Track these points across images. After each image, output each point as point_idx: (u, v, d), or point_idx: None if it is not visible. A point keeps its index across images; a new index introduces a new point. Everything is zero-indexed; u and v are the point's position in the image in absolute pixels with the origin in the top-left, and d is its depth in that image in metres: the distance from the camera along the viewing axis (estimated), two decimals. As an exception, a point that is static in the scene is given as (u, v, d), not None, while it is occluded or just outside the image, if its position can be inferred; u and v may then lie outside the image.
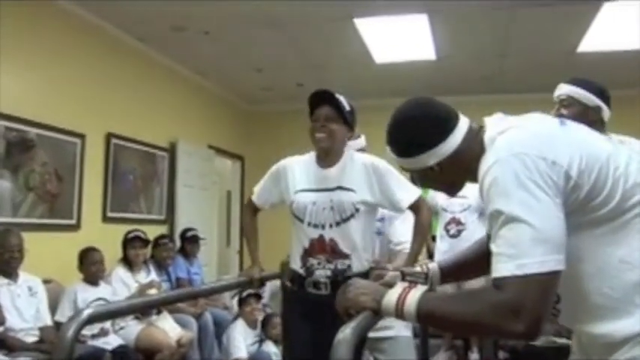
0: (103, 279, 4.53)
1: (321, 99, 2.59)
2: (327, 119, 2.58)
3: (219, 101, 7.86)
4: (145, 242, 4.99)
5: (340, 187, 2.59)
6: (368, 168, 2.60)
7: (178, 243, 5.92)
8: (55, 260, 4.48)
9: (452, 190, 1.54)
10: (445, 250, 4.87)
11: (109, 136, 5.40)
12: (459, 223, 4.93)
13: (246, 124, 8.52)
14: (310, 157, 2.72)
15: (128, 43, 5.71)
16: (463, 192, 1.59)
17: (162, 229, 6.09)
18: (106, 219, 5.32)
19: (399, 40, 5.78)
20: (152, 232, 5.41)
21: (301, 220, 2.62)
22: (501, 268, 1.18)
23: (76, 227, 4.90)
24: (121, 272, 4.77)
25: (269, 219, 3.31)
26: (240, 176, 8.46)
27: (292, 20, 5.27)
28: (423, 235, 2.67)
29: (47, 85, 4.63)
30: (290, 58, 6.36)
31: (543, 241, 1.16)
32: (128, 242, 4.88)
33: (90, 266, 4.39)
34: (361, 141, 3.15)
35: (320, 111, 2.59)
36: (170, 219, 6.40)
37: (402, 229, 3.04)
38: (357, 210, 2.57)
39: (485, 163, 1.27)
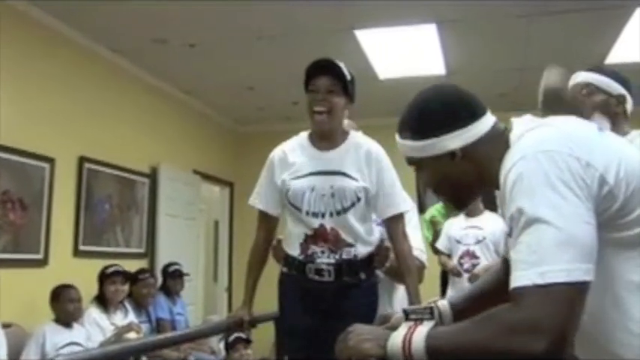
0: (77, 320, 4.48)
1: (322, 67, 2.57)
2: (328, 91, 2.56)
3: (206, 122, 7.87)
4: (126, 277, 4.97)
5: (342, 174, 2.61)
6: (371, 155, 2.63)
7: (160, 279, 5.89)
8: (19, 301, 4.39)
9: (463, 197, 1.50)
10: (458, 287, 4.86)
11: (82, 160, 5.35)
12: (473, 256, 4.91)
13: (236, 147, 8.55)
14: (302, 138, 2.73)
15: (104, 56, 5.69)
16: (479, 223, 1.53)
17: (142, 264, 6.05)
18: (77, 253, 5.24)
19: (405, 54, 5.81)
20: (131, 267, 5.36)
21: (299, 209, 2.61)
22: (520, 276, 1.13)
23: (43, 262, 4.82)
24: (94, 313, 4.71)
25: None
26: (229, 204, 8.44)
27: (287, 32, 5.29)
28: (411, 270, 2.61)
29: (9, 102, 4.53)
30: (284, 74, 6.33)
31: (570, 247, 1.12)
32: (106, 278, 4.84)
33: (66, 304, 4.33)
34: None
35: (319, 81, 2.57)
36: (150, 252, 6.36)
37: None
38: (359, 199, 2.59)
39: (510, 160, 1.25)
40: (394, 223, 2.64)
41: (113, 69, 5.87)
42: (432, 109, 1.42)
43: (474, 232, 4.87)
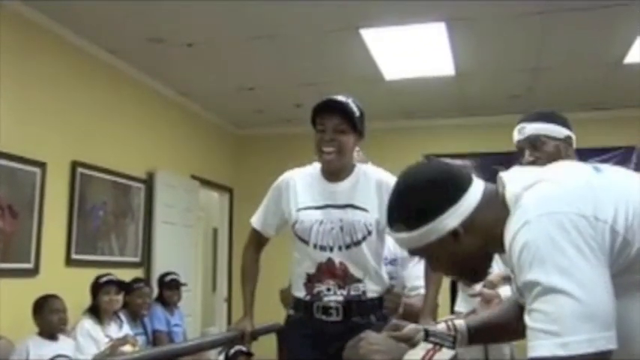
0: (64, 332, 4.42)
1: (330, 106, 2.61)
2: (336, 131, 2.59)
3: (205, 124, 7.86)
4: (120, 287, 4.94)
5: (351, 206, 2.64)
6: (382, 186, 2.62)
7: (156, 290, 5.88)
8: (8, 312, 4.33)
9: (479, 269, 1.51)
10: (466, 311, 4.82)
11: (75, 165, 5.33)
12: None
13: (235, 151, 8.54)
14: (314, 168, 2.76)
15: (97, 56, 5.67)
16: None
17: (138, 273, 6.03)
18: (70, 262, 5.22)
19: (412, 54, 5.80)
20: (126, 276, 5.34)
21: (306, 242, 2.65)
22: (540, 346, 1.14)
23: (33, 272, 4.79)
24: (88, 325, 4.67)
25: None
26: (229, 211, 8.43)
27: (289, 31, 5.26)
28: (436, 280, 2.69)
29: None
30: (286, 74, 6.37)
31: (590, 316, 1.12)
32: (100, 287, 4.81)
33: (50, 315, 4.27)
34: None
35: (327, 120, 2.60)
36: (146, 261, 6.34)
37: (418, 272, 3.05)
38: (370, 232, 2.61)
39: (513, 226, 1.25)
40: None
41: (108, 70, 5.85)
42: (420, 194, 1.42)
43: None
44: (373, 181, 2.66)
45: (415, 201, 1.42)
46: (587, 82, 6.11)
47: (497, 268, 4.82)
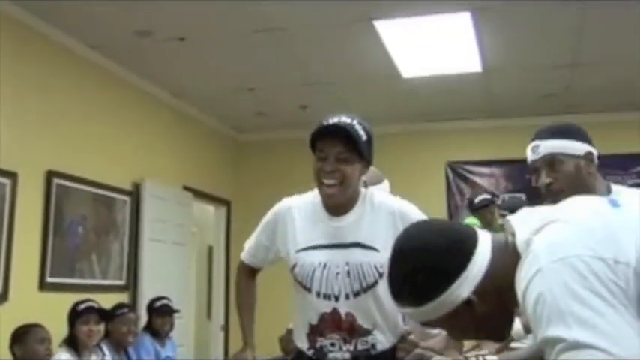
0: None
1: (331, 131, 2.52)
2: (338, 160, 2.49)
3: (199, 129, 7.87)
4: (102, 315, 4.91)
5: (358, 245, 2.55)
6: (395, 216, 2.55)
7: (144, 317, 5.86)
8: (-28, 343, 4.37)
9: (500, 329, 1.51)
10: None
11: (50, 175, 5.32)
12: None
13: (234, 159, 8.57)
14: (315, 197, 2.67)
15: (77, 52, 5.68)
16: None
17: (123, 298, 6.03)
18: (44, 286, 5.20)
19: (433, 48, 5.83)
20: (109, 302, 5.36)
21: (307, 289, 2.58)
22: None
23: (2, 298, 4.78)
24: (64, 358, 4.63)
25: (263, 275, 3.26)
26: (226, 227, 8.47)
27: (293, 24, 5.29)
28: None
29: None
30: (291, 73, 6.41)
31: None
32: (78, 315, 4.77)
33: (36, 345, 4.29)
34: (384, 187, 3.15)
35: (328, 147, 2.51)
36: (133, 285, 6.33)
37: None
38: (382, 275, 2.51)
39: (524, 275, 1.27)
40: None
41: (89, 67, 5.85)
42: (424, 267, 1.41)
43: None
44: (384, 212, 2.56)
45: (419, 275, 1.42)
46: (631, 79, 6.11)
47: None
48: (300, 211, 2.65)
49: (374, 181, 2.90)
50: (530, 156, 2.58)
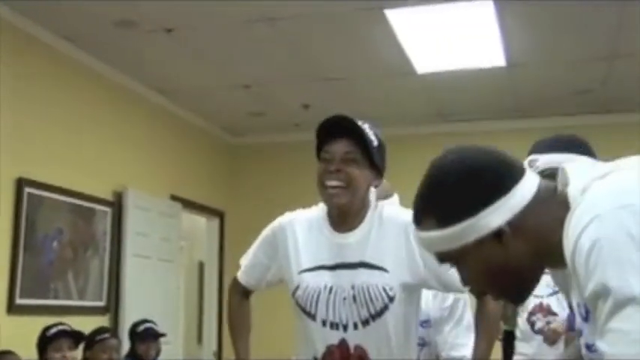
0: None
1: (337, 129, 2.50)
2: (344, 160, 2.47)
3: (189, 131, 7.89)
4: (76, 339, 4.86)
5: (364, 264, 2.52)
6: (406, 231, 2.49)
7: (127, 342, 5.79)
8: None
9: (524, 287, 1.50)
10: (530, 354, 4.90)
11: (21, 183, 5.33)
12: (548, 311, 4.88)
13: (228, 165, 8.60)
14: (320, 213, 2.67)
15: (49, 43, 5.69)
16: None
17: (103, 322, 6.04)
18: (13, 309, 5.20)
19: (451, 40, 5.85)
20: (87, 326, 5.26)
21: (311, 316, 2.56)
22: None
23: None
24: None
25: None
26: (219, 241, 8.50)
27: (294, 14, 5.30)
28: (491, 333, 2.66)
29: None
30: (291, 68, 6.44)
31: None
32: (48, 342, 4.73)
33: None
34: (394, 201, 3.12)
35: (334, 147, 2.50)
36: (114, 307, 6.35)
37: (455, 338, 3.23)
38: (392, 299, 2.49)
39: (578, 222, 1.26)
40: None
41: (63, 61, 5.86)
42: (458, 182, 1.41)
43: (546, 279, 4.72)
44: (393, 227, 2.53)
45: (451, 190, 1.42)
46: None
47: (563, 316, 4.77)
48: (302, 226, 2.64)
49: (382, 195, 2.85)
50: None
